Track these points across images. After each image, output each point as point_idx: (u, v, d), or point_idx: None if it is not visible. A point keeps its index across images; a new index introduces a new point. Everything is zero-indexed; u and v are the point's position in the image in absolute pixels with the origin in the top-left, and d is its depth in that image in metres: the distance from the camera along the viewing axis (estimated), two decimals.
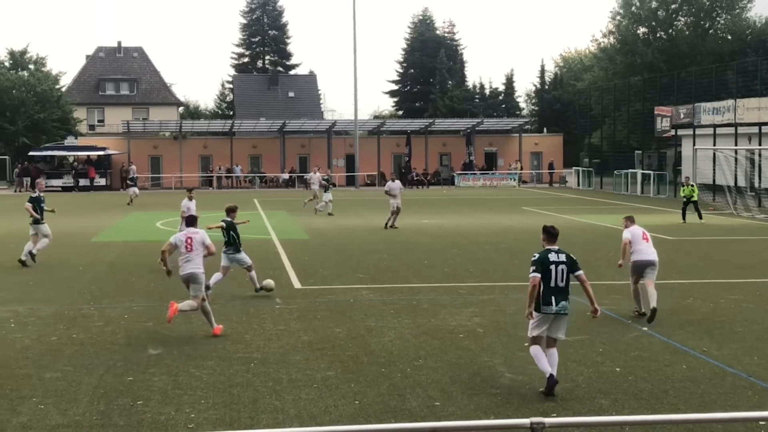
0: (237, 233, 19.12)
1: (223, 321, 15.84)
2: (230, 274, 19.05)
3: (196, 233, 15.60)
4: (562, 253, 11.83)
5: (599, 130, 74.82)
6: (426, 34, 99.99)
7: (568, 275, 11.72)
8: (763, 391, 11.45)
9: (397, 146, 75.84)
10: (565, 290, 11.66)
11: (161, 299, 18.16)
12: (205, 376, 12.31)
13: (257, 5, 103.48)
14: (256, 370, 12.55)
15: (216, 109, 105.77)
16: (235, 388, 11.69)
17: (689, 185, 36.43)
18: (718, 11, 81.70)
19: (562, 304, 11.60)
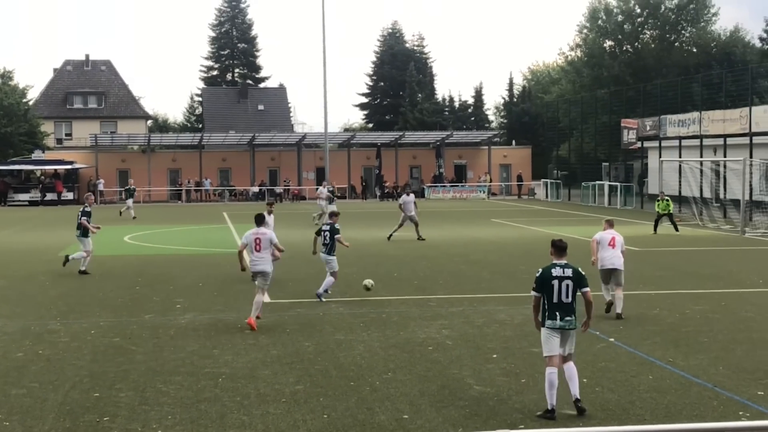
0: (333, 236, 20.32)
1: (191, 336, 15.82)
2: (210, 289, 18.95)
3: (264, 233, 17.10)
4: (569, 268, 11.35)
5: (567, 143, 75.38)
6: (395, 47, 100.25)
7: (575, 290, 11.28)
8: (728, 401, 11.56)
9: (367, 159, 75.92)
10: (570, 306, 11.23)
11: (129, 314, 18.10)
12: (172, 391, 12.26)
13: (226, 18, 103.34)
14: (224, 385, 12.52)
15: (185, 122, 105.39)
16: (203, 404, 11.65)
17: (664, 200, 36.74)
18: (683, 24, 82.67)
19: (567, 320, 11.20)
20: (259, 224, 17.46)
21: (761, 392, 11.90)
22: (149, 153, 72.75)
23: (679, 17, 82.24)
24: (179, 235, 38.20)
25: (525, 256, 28.32)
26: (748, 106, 45.03)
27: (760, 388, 12.07)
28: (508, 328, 16.30)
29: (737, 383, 12.34)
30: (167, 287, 21.75)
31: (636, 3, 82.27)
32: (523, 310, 18.19)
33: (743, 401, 11.49)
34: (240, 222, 44.92)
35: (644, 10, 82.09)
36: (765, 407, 11.20)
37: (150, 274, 24.42)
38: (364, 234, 37.16)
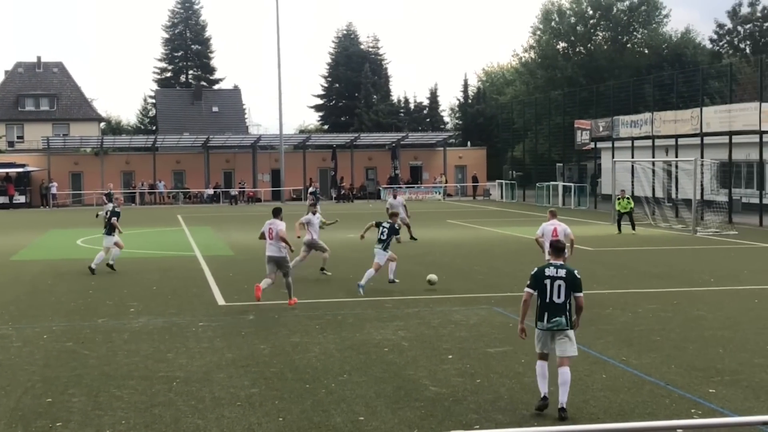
0: (391, 235, 21.73)
1: (145, 340, 15.70)
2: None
3: (276, 224, 19.21)
4: (563, 269, 11.25)
5: (521, 144, 75.82)
6: (350, 48, 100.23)
7: (568, 292, 11.17)
8: (680, 399, 11.69)
9: (323, 160, 75.84)
10: (561, 306, 11.14)
11: (82, 318, 17.94)
12: (126, 395, 12.16)
13: (180, 20, 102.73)
14: (179, 389, 12.44)
15: (138, 124, 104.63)
16: (157, 408, 11.57)
17: (625, 198, 37.08)
18: (635, 26, 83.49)
19: (555, 321, 11.15)
20: (275, 216, 19.55)
21: (712, 390, 12.05)
22: (102, 155, 72.13)
23: (631, 19, 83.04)
24: (133, 238, 37.85)
25: (480, 257, 28.46)
26: (699, 107, 45.58)
27: (712, 386, 12.23)
28: (464, 329, 16.36)
29: (689, 381, 12.49)
30: (121, 291, 21.58)
31: (588, 5, 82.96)
32: (479, 310, 18.29)
33: (695, 399, 11.63)
34: (195, 224, 44.69)
35: (596, 11, 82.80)
36: (716, 405, 11.35)
37: (103, 277, 24.21)
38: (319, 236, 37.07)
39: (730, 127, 42.81)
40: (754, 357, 13.89)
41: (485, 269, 25.19)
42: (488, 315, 17.82)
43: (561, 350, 11.22)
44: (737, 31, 78.86)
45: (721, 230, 37.14)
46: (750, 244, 32.38)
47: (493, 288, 21.52)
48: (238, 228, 42.45)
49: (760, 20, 77.95)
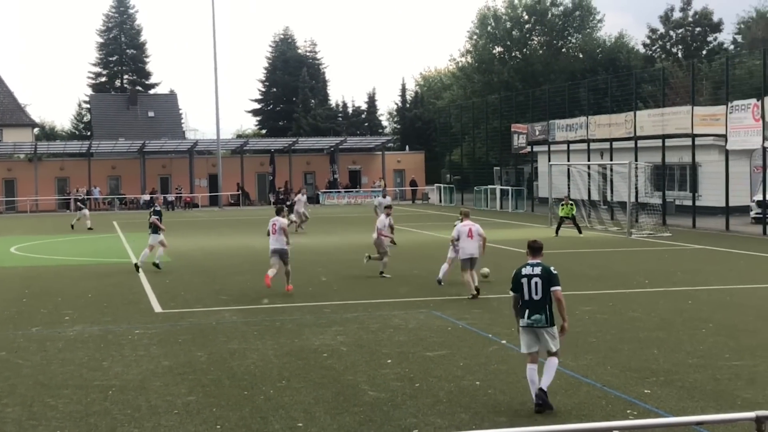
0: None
1: (80, 348, 15.48)
2: None
3: (278, 220, 21.83)
4: (539, 266, 11.53)
5: (459, 148, 76.25)
6: (288, 53, 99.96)
7: (545, 288, 11.40)
8: (616, 399, 11.82)
9: (261, 165, 75.53)
10: (540, 303, 11.38)
11: (15, 327, 17.63)
12: (61, 405, 11.97)
13: (114, 24, 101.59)
14: (115, 398, 12.28)
15: (73, 129, 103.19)
16: (93, 417, 11.40)
17: (569, 204, 37.39)
18: (569, 31, 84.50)
19: (534, 318, 11.38)
20: (277, 214, 22.41)
21: (648, 390, 12.20)
22: (36, 161, 71.06)
23: (566, 24, 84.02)
24: (68, 245, 37.38)
25: (419, 261, 28.53)
26: (632, 111, 46.23)
27: (647, 387, 12.38)
28: (403, 333, 16.38)
29: (625, 382, 12.63)
30: (55, 299, 21.26)
31: (523, 10, 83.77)
32: (418, 314, 18.33)
33: (631, 400, 11.76)
34: (131, 231, 44.18)
35: (532, 17, 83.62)
36: (652, 405, 11.48)
37: (37, 285, 23.84)
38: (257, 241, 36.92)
39: (663, 131, 43.48)
40: (688, 357, 14.09)
41: (424, 273, 25.25)
42: (427, 319, 17.87)
43: (547, 346, 11.51)
44: (669, 35, 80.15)
45: (655, 232, 37.67)
46: (683, 246, 32.89)
47: (433, 292, 21.59)
48: (174, 234, 42.05)
49: (692, 25, 79.30)
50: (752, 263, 27.50)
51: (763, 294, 20.85)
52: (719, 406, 11.39)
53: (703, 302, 19.65)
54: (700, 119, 40.96)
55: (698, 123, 40.97)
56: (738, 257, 29.15)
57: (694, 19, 79.11)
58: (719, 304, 19.40)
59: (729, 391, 12.12)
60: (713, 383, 12.55)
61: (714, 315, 17.91)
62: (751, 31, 71.47)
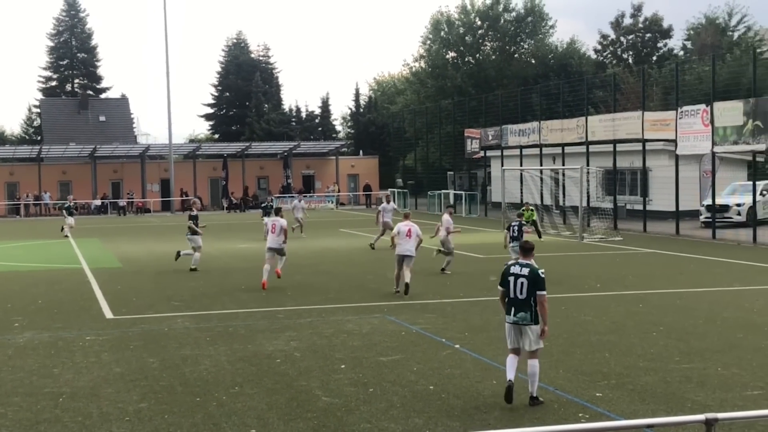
0: (521, 232, 24.75)
1: (30, 355, 15.29)
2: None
3: (278, 221, 23.47)
4: (527, 268, 11.98)
5: (413, 152, 76.39)
6: (241, 57, 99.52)
7: (530, 289, 11.83)
8: (568, 403, 11.90)
9: (213, 170, 75.15)
10: (525, 302, 11.85)
11: None
12: (10, 413, 11.81)
13: (65, 27, 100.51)
14: (65, 405, 12.14)
15: (23, 134, 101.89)
16: (43, 425, 11.26)
17: (529, 209, 37.58)
18: (522, 36, 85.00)
19: (520, 315, 11.87)
20: (276, 214, 24.43)
21: (599, 394, 12.30)
22: None
23: (518, 29, 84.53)
24: (17, 251, 36.91)
25: (373, 266, 28.53)
26: (584, 116, 46.63)
27: (598, 390, 12.48)
28: (357, 338, 16.37)
29: (576, 386, 12.72)
30: (4, 305, 20.98)
31: (476, 15, 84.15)
32: (371, 319, 18.33)
33: (582, 403, 11.85)
34: (82, 236, 43.75)
35: (484, 22, 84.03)
36: (603, 408, 11.58)
37: None
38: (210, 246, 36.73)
39: (615, 136, 43.91)
40: (638, 361, 14.23)
41: (378, 278, 25.27)
42: (381, 324, 17.87)
43: (528, 344, 11.89)
44: (620, 41, 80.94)
45: (606, 236, 38.01)
46: (635, 250, 33.22)
47: (386, 297, 21.60)
48: (126, 239, 41.75)
49: (642, 31, 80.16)
50: (702, 267, 27.84)
51: (712, 297, 21.11)
52: (670, 409, 11.51)
53: (653, 306, 19.85)
54: (650, 124, 41.43)
55: (648, 128, 41.42)
56: (688, 261, 29.50)
57: (645, 25, 79.97)
58: (669, 307, 19.62)
59: (679, 394, 12.25)
60: (664, 386, 12.68)
61: (664, 318, 18.10)
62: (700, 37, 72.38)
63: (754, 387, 12.60)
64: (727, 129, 36.25)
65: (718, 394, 12.24)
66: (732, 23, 75.56)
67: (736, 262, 28.94)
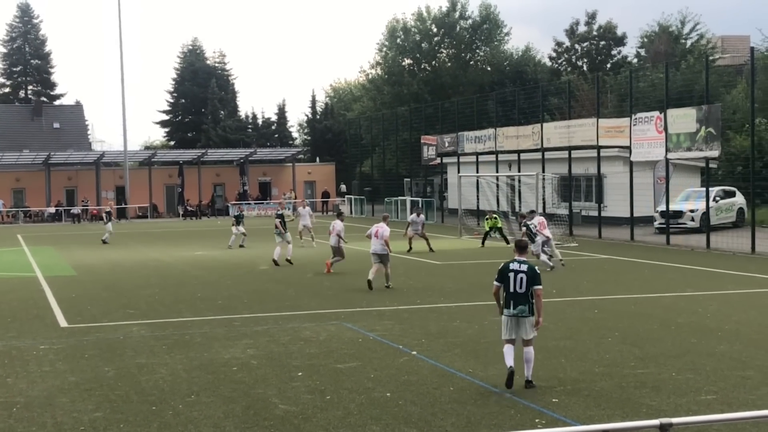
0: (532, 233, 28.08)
1: None
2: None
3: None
4: (525, 264, 13.13)
5: (370, 159, 76.45)
6: (196, 63, 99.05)
7: (529, 284, 12.96)
8: (525, 409, 11.95)
9: (169, 177, 74.66)
10: (523, 296, 12.95)
11: None
12: None
13: (18, 34, 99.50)
14: (19, 415, 12.00)
15: None
16: None
17: (492, 218, 37.78)
18: (477, 44, 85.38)
19: (519, 308, 12.96)
20: (337, 217, 28.80)
21: (555, 399, 12.37)
22: None
23: (474, 37, 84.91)
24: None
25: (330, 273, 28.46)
26: (539, 123, 46.93)
27: (555, 396, 12.55)
28: (314, 346, 16.34)
29: (533, 392, 12.77)
30: None
31: (432, 22, 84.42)
32: (328, 326, 18.30)
33: (539, 409, 11.91)
34: (36, 244, 43.28)
35: (440, 29, 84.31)
36: (560, 414, 11.65)
37: None
38: (166, 254, 36.51)
39: (570, 142, 44.22)
40: (594, 366, 14.33)
41: (335, 285, 25.24)
42: (338, 331, 17.86)
43: (525, 334, 12.99)
44: (575, 48, 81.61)
45: (562, 242, 38.21)
46: (590, 256, 33.48)
47: (343, 303, 21.59)
48: (81, 247, 41.35)
49: (597, 38, 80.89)
50: (656, 272, 28.10)
51: (666, 303, 21.32)
52: (625, 414, 11.61)
53: (608, 311, 20.01)
54: (605, 131, 41.80)
55: (603, 135, 41.80)
56: (642, 266, 29.77)
57: (599, 32, 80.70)
58: (624, 313, 19.78)
59: (635, 399, 12.36)
60: (619, 391, 12.79)
61: (619, 324, 18.25)
62: (654, 44, 73.14)
63: (708, 392, 12.75)
64: (680, 136, 36.66)
65: (672, 399, 12.36)
66: (685, 31, 76.46)
67: (690, 267, 29.26)
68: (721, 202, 43.20)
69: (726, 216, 43.15)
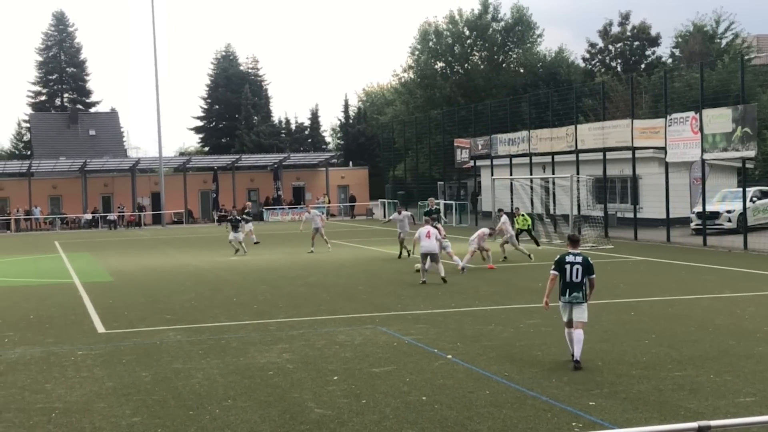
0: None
1: (22, 371, 15.24)
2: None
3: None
4: (580, 256, 14.63)
5: (403, 163, 76.44)
6: (230, 69, 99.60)
7: (584, 273, 14.45)
8: (562, 412, 11.89)
9: (204, 183, 75.11)
10: (579, 285, 14.46)
11: None
12: (2, 429, 11.76)
13: (54, 42, 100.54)
14: (58, 421, 12.10)
15: (12, 149, 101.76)
16: None
17: (521, 215, 37.49)
18: (510, 46, 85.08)
19: (573, 295, 14.46)
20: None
21: (592, 402, 12.29)
22: None
23: (507, 39, 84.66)
24: (8, 266, 36.80)
25: (364, 276, 28.52)
26: (573, 124, 46.73)
27: (592, 399, 12.47)
28: (349, 350, 16.35)
29: (569, 395, 12.71)
30: None
31: (464, 25, 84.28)
32: (363, 330, 18.32)
33: (576, 412, 11.84)
34: (73, 250, 43.67)
35: (473, 32, 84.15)
36: (597, 417, 11.57)
37: None
38: (201, 259, 36.70)
39: (604, 144, 44.00)
40: (631, 369, 14.24)
41: (369, 289, 25.27)
42: (373, 335, 17.86)
43: (577, 317, 14.45)
44: (608, 49, 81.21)
45: (597, 245, 38.05)
46: (626, 258, 33.28)
47: (378, 307, 21.60)
48: (117, 253, 41.67)
49: (630, 39, 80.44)
50: (693, 274, 27.89)
51: (704, 304, 21.14)
52: (663, 417, 11.52)
53: (645, 314, 19.88)
54: (639, 132, 41.54)
55: (638, 136, 41.54)
56: (679, 268, 29.55)
57: (633, 33, 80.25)
58: (661, 315, 19.64)
59: (672, 402, 12.26)
60: (657, 394, 12.69)
61: (656, 326, 18.13)
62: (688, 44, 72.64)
63: (747, 394, 12.62)
64: (716, 136, 36.37)
65: (710, 401, 12.25)
66: (720, 30, 75.86)
67: (728, 268, 29.01)
68: (758, 203, 42.80)
69: (763, 216, 42.73)
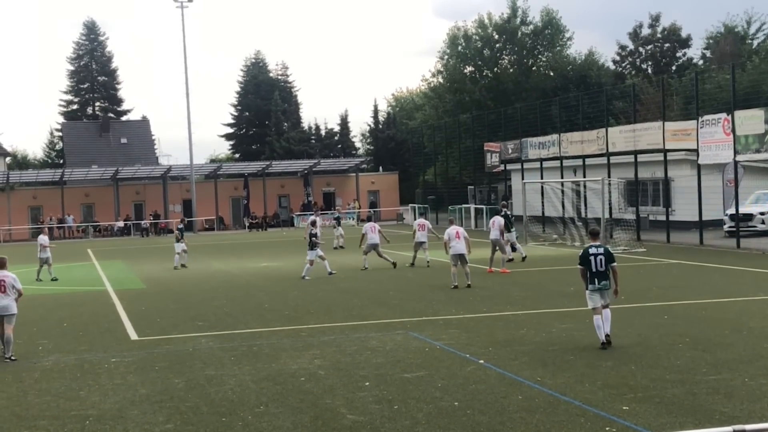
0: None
1: (56, 378, 15.35)
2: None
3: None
4: (601, 248, 16.46)
5: (433, 167, 76.42)
6: (259, 76, 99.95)
7: (607, 263, 16.25)
8: (595, 417, 11.82)
9: (234, 189, 75.44)
10: (604, 273, 16.26)
11: None
12: None
13: (85, 51, 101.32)
14: (92, 428, 12.17)
15: (45, 158, 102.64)
16: None
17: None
18: (539, 49, 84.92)
19: (602, 283, 16.26)
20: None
21: (626, 407, 12.20)
22: (8, 191, 70.61)
23: (536, 42, 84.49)
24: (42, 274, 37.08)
25: (395, 282, 28.50)
26: (604, 127, 46.50)
27: (625, 403, 12.39)
28: (380, 355, 16.34)
29: (603, 399, 12.64)
30: (30, 329, 21.06)
31: (493, 29, 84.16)
32: (395, 336, 18.30)
33: (609, 417, 11.76)
34: (105, 258, 43.96)
35: (502, 36, 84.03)
36: (631, 422, 11.49)
37: None
38: (232, 265, 36.84)
39: (635, 146, 43.75)
40: (665, 373, 14.13)
41: (400, 294, 25.25)
42: (404, 340, 17.84)
43: (604, 301, 16.34)
44: (639, 52, 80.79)
45: (630, 248, 37.83)
46: (658, 261, 33.05)
47: (409, 313, 21.57)
48: (149, 260, 41.91)
49: (661, 41, 79.99)
50: (726, 277, 27.66)
51: (738, 307, 20.96)
52: (697, 421, 11.42)
53: (678, 317, 19.73)
54: (671, 134, 41.26)
55: (670, 138, 41.25)
56: (712, 271, 29.32)
57: (663, 35, 79.80)
58: (695, 318, 19.49)
59: (707, 406, 12.16)
60: (691, 398, 12.59)
61: (690, 329, 17.99)
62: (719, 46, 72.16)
63: None
64: (748, 137, 36.08)
65: (745, 405, 12.13)
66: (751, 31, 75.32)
67: (762, 271, 28.73)
68: None
69: None
